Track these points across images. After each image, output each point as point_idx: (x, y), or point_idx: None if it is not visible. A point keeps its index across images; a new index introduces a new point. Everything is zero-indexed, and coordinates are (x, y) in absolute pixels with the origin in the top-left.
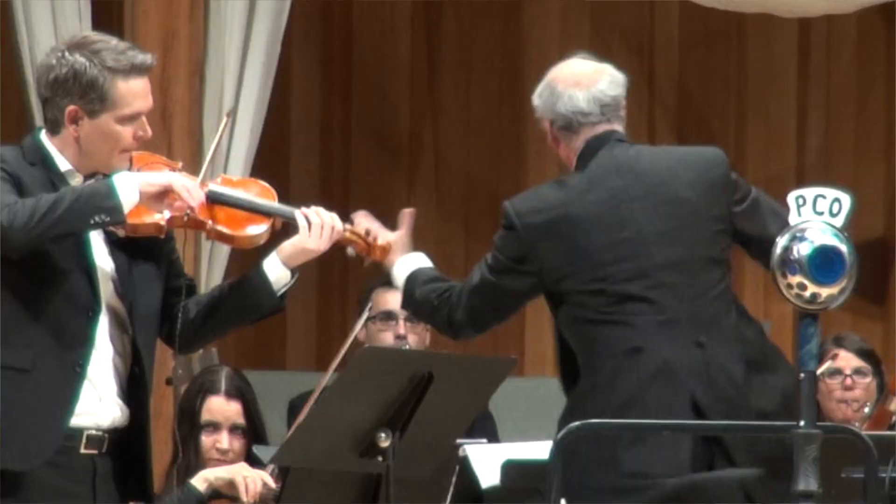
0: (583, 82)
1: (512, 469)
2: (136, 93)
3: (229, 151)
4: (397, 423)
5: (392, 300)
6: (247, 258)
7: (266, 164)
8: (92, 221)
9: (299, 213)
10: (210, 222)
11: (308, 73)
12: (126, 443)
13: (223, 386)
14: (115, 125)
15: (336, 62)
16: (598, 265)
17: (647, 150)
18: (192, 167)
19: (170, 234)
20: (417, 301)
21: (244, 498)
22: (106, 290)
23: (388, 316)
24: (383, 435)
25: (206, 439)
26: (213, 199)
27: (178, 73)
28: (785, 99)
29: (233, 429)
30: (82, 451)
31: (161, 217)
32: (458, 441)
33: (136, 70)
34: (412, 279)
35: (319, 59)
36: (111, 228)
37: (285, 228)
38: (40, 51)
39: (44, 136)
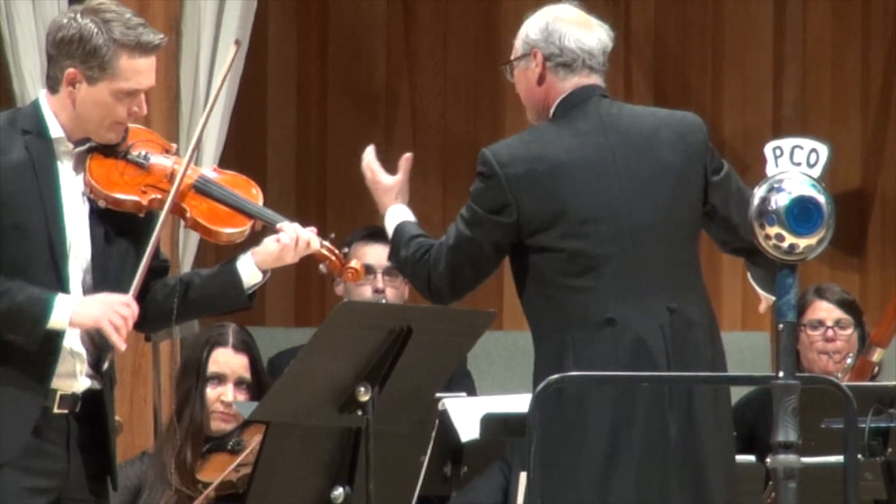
0: (587, 26)
1: (491, 422)
2: (136, 69)
3: (205, 106)
4: (376, 378)
5: (370, 254)
6: (220, 248)
7: (242, 121)
8: (7, 335)
9: (282, 225)
10: (191, 211)
11: (284, 28)
12: (98, 402)
13: (231, 339)
14: (109, 96)
15: (312, 18)
16: (579, 222)
17: (629, 108)
18: (169, 120)
19: (155, 213)
20: (402, 259)
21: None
22: (76, 273)
23: (367, 270)
24: (363, 389)
25: (210, 391)
26: (200, 190)
27: (154, 29)
28: (761, 51)
29: (238, 382)
30: (56, 411)
31: (143, 196)
32: (438, 395)
33: (140, 48)
34: (399, 233)
35: (295, 15)
36: (93, 197)
37: (264, 230)
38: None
39: (43, 97)
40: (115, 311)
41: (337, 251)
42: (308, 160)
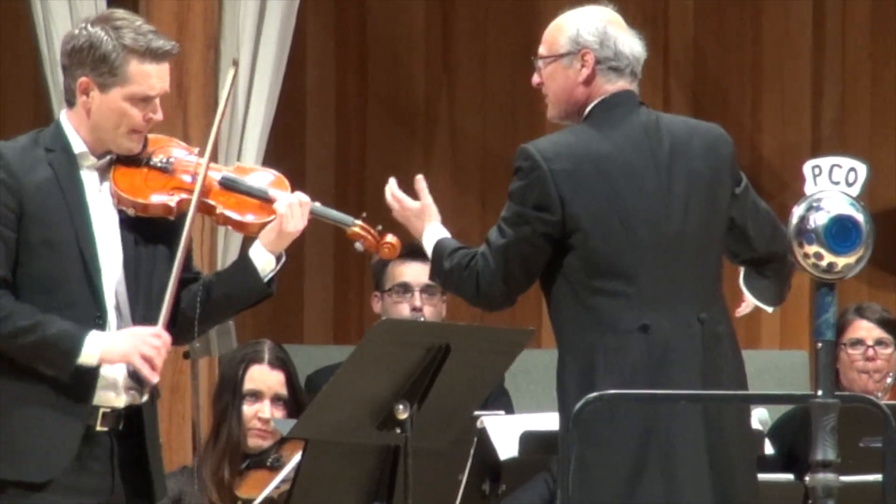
0: (631, 33)
1: (530, 440)
2: (147, 75)
3: (245, 123)
4: (415, 395)
5: (408, 272)
6: None
7: (282, 136)
8: (38, 367)
9: (273, 194)
10: (220, 207)
11: (323, 44)
12: (141, 417)
13: (267, 356)
14: (123, 102)
15: (351, 33)
16: (620, 225)
17: (664, 116)
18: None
19: (185, 216)
20: (447, 272)
21: None
22: (110, 284)
23: (405, 288)
24: (401, 407)
25: (247, 409)
26: (226, 185)
27: (193, 47)
28: (800, 69)
29: (275, 399)
30: (98, 428)
31: (170, 198)
32: (476, 413)
33: (151, 53)
34: (439, 248)
35: (334, 30)
36: (121, 207)
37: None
38: (56, 29)
39: (63, 115)
40: (146, 343)
41: (371, 229)
42: (347, 177)
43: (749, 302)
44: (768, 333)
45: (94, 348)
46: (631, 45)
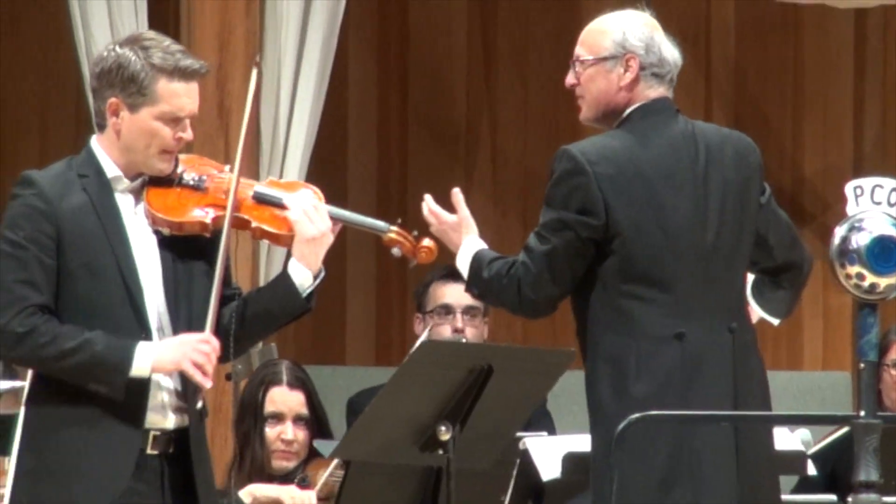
0: (670, 40)
1: (572, 461)
2: (176, 93)
3: (287, 143)
4: (457, 416)
5: (449, 294)
6: None
7: (323, 157)
8: (91, 386)
9: (286, 202)
10: (254, 221)
11: (364, 65)
12: (189, 440)
13: (285, 377)
14: (153, 122)
15: (392, 54)
16: (660, 232)
17: (699, 124)
18: (250, 162)
19: (219, 239)
20: (486, 281)
21: None
22: (152, 309)
23: (446, 309)
24: (443, 428)
25: (270, 431)
26: (259, 199)
27: (234, 68)
28: (841, 89)
29: (297, 419)
30: (149, 451)
31: (205, 215)
32: (519, 434)
33: (179, 72)
34: (477, 260)
35: (376, 52)
36: (157, 227)
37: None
38: (97, 49)
39: (94, 140)
40: (196, 349)
41: (407, 234)
42: (388, 198)
43: (755, 314)
44: (811, 355)
45: (144, 359)
46: (672, 52)
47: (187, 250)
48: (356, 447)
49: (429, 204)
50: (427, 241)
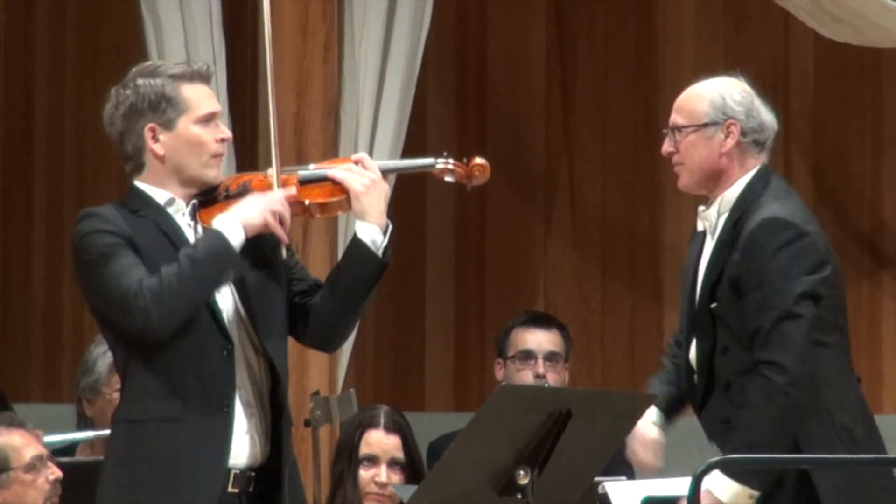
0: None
1: None
2: (200, 94)
3: None
4: (536, 460)
5: (531, 339)
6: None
7: (402, 201)
8: (219, 285)
9: (331, 174)
10: (307, 200)
11: (443, 112)
12: (271, 479)
13: (382, 420)
14: (193, 129)
15: (470, 101)
16: (841, 288)
17: None
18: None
19: (289, 248)
20: (770, 418)
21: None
22: (230, 319)
23: (527, 355)
24: (522, 472)
25: (364, 473)
26: (305, 181)
27: (312, 115)
28: None
29: (392, 463)
30: (230, 489)
31: None
32: (597, 479)
33: (197, 75)
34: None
35: (454, 98)
36: None
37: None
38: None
39: (135, 183)
40: (273, 201)
41: (454, 161)
42: (467, 243)
43: None
44: (890, 396)
45: (234, 228)
46: (770, 117)
47: (255, 263)
48: (435, 491)
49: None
50: (478, 159)
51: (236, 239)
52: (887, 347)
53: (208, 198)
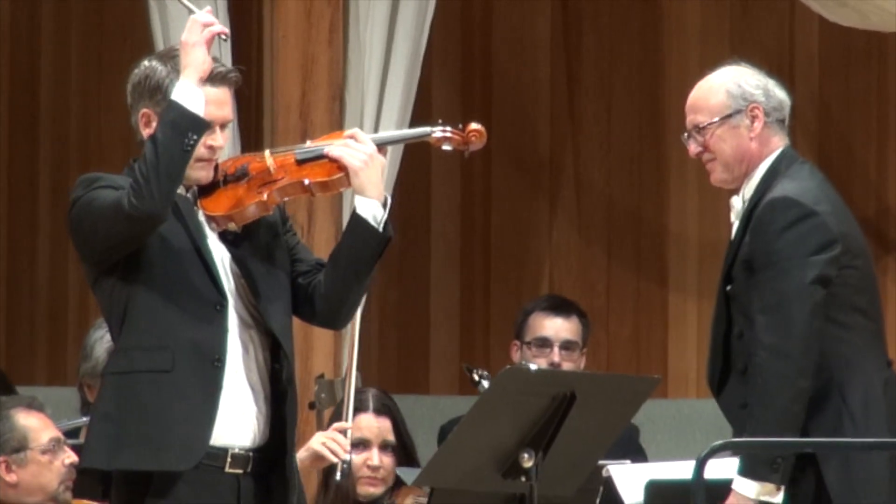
0: None
1: (655, 489)
2: (207, 98)
3: None
4: (540, 443)
5: (549, 326)
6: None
7: (407, 188)
8: (187, 148)
9: (328, 151)
10: (307, 179)
11: (448, 96)
12: (271, 461)
13: (371, 404)
14: None
15: (476, 86)
16: (862, 269)
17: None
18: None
19: (288, 225)
20: (787, 410)
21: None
22: (229, 284)
23: (544, 342)
24: (526, 455)
25: (356, 457)
26: (302, 160)
27: (317, 98)
28: None
29: (383, 446)
30: (227, 470)
31: (259, 194)
32: (601, 462)
33: (217, 77)
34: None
35: (459, 83)
36: (222, 228)
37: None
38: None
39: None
40: (193, 30)
41: (450, 128)
42: (472, 228)
43: None
44: None
45: (184, 90)
46: (784, 93)
47: (257, 246)
48: (439, 474)
49: None
50: (474, 125)
51: (195, 103)
52: (891, 333)
53: (208, 185)
